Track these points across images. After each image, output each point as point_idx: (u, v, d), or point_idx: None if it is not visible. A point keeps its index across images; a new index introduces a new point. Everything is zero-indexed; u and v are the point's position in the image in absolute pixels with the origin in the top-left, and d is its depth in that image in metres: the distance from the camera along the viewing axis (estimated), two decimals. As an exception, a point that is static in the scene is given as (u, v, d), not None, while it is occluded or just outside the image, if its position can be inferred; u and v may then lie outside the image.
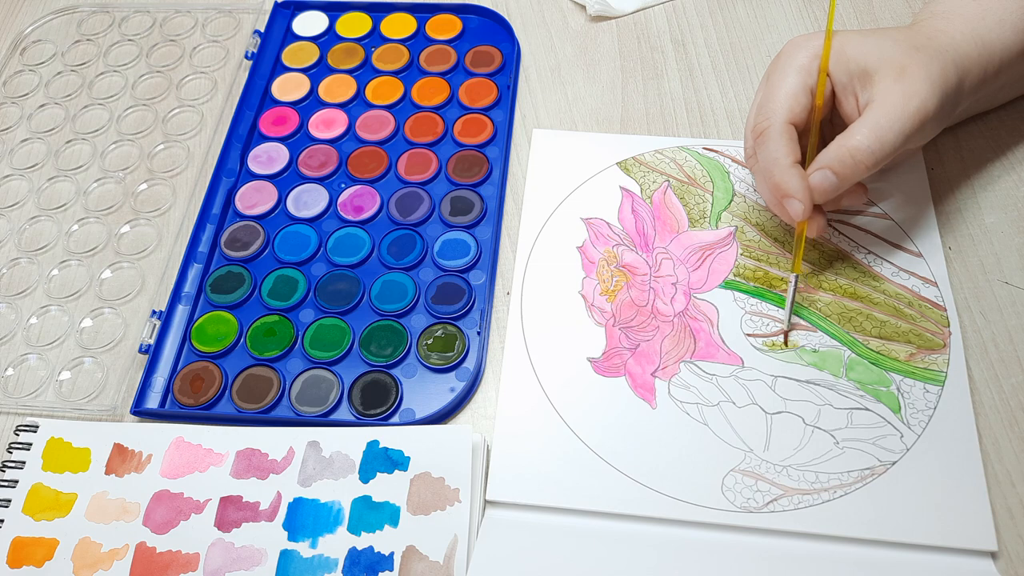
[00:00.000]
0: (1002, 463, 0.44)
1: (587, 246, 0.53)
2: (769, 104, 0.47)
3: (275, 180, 0.58)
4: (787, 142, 0.46)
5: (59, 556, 0.44)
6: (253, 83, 0.63)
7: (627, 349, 0.49)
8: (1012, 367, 0.47)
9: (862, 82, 0.46)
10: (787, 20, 0.64)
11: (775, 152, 0.46)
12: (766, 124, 0.47)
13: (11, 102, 0.65)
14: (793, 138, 0.46)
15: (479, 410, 0.48)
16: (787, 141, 0.46)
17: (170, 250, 0.55)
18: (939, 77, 0.45)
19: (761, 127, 0.47)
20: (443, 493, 0.44)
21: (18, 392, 0.51)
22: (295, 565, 0.42)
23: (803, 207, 0.45)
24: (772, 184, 0.46)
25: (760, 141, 0.47)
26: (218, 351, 0.51)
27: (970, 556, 0.41)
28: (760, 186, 0.48)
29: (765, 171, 0.47)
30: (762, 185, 0.48)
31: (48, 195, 0.59)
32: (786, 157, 0.46)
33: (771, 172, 0.46)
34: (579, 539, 0.43)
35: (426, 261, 0.54)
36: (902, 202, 0.53)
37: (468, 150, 0.59)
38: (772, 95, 0.47)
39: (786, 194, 0.46)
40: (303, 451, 0.46)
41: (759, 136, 0.47)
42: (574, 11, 0.67)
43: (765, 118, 0.47)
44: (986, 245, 0.52)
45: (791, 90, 0.46)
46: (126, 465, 0.46)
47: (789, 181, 0.45)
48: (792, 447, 0.45)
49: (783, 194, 0.46)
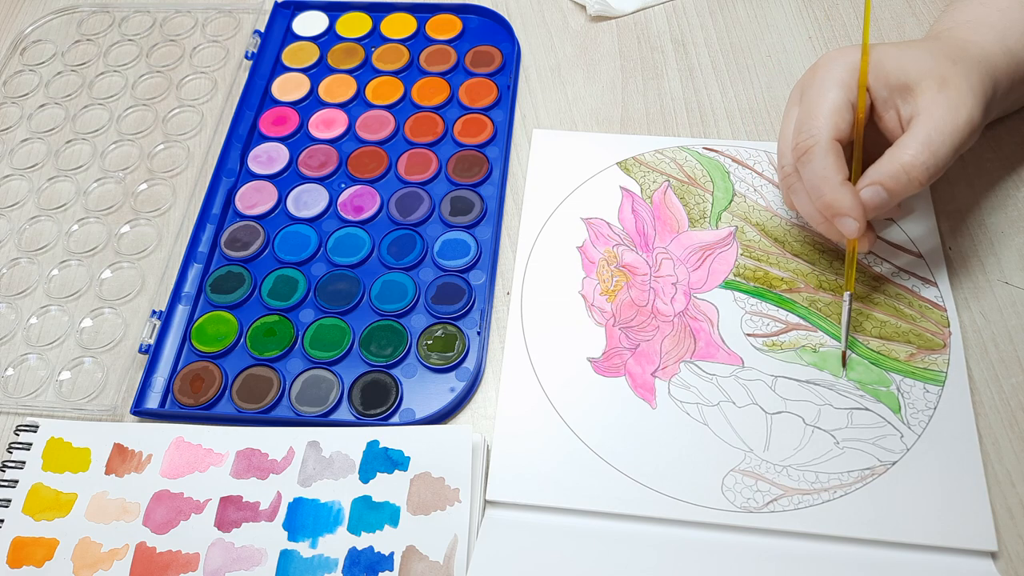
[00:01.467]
0: (1002, 463, 0.44)
1: (587, 246, 0.53)
2: (812, 121, 0.45)
3: (275, 180, 0.58)
4: (835, 159, 0.45)
5: (59, 556, 0.44)
6: (253, 83, 0.63)
7: (627, 349, 0.49)
8: (1012, 367, 0.47)
9: (903, 96, 0.45)
10: (787, 20, 0.64)
11: (824, 171, 0.44)
12: (812, 142, 0.45)
13: (11, 102, 0.65)
14: (840, 155, 0.45)
15: (479, 410, 0.48)
16: (835, 158, 0.45)
17: (170, 250, 0.55)
18: (979, 87, 0.45)
19: (805, 145, 0.45)
20: (443, 493, 0.44)
21: (18, 392, 0.51)
22: (295, 565, 0.42)
23: (857, 225, 0.44)
24: (823, 203, 0.45)
25: (805, 159, 0.45)
26: (218, 351, 0.50)
27: (970, 556, 0.41)
28: (802, 205, 0.47)
29: (814, 189, 0.45)
30: (806, 204, 0.47)
31: (48, 195, 0.59)
32: (836, 175, 0.44)
33: (821, 191, 0.45)
34: (579, 539, 0.43)
35: (426, 261, 0.54)
36: (902, 202, 0.53)
37: (468, 150, 0.59)
38: (814, 112, 0.46)
39: (839, 213, 0.44)
40: (303, 451, 0.46)
41: (804, 154, 0.45)
42: (574, 11, 0.67)
43: (809, 135, 0.45)
44: (986, 245, 0.52)
45: (834, 106, 0.45)
46: (126, 465, 0.46)
47: (842, 200, 0.44)
48: (792, 447, 0.45)
49: (835, 213, 0.45)
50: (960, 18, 0.50)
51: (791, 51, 0.62)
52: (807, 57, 0.62)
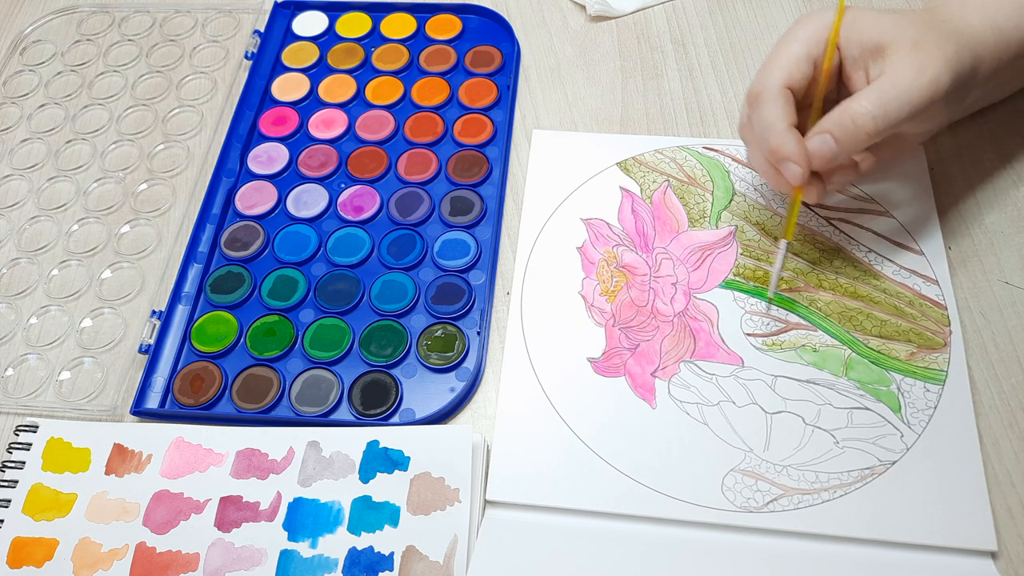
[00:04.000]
0: (1002, 463, 0.44)
1: (587, 246, 0.53)
2: (767, 68, 0.46)
3: (275, 180, 0.58)
4: (783, 104, 0.44)
5: (59, 556, 0.44)
6: (253, 83, 0.63)
7: (627, 349, 0.49)
8: (1012, 367, 0.47)
9: (874, 56, 0.45)
10: (787, 20, 0.64)
11: (771, 116, 0.44)
12: (761, 88, 0.45)
13: (11, 102, 0.65)
14: (790, 101, 0.45)
15: (479, 410, 0.48)
16: (783, 104, 0.44)
17: (170, 250, 0.55)
18: (954, 57, 0.44)
19: (756, 90, 0.45)
20: (443, 493, 0.44)
21: (18, 392, 0.51)
22: (295, 565, 0.42)
23: (800, 171, 0.44)
24: (768, 148, 0.45)
25: (755, 105, 0.45)
26: (218, 351, 0.50)
27: (970, 556, 0.41)
28: (753, 154, 0.47)
29: (760, 136, 0.45)
30: (756, 152, 0.47)
31: (48, 195, 0.59)
32: (781, 120, 0.44)
33: (766, 136, 0.44)
34: (579, 539, 0.43)
35: (426, 261, 0.54)
36: (904, 200, 0.53)
37: (468, 150, 0.58)
38: (771, 61, 0.46)
39: (782, 157, 0.44)
40: (303, 451, 0.46)
41: (754, 100, 0.45)
42: (574, 11, 0.67)
43: (760, 83, 0.45)
44: (986, 245, 0.52)
45: (792, 56, 0.45)
46: (126, 465, 0.46)
47: (785, 144, 0.44)
48: (792, 447, 0.45)
49: (779, 158, 0.44)
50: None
51: (791, 51, 0.62)
52: (807, 57, 0.62)
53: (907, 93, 0.43)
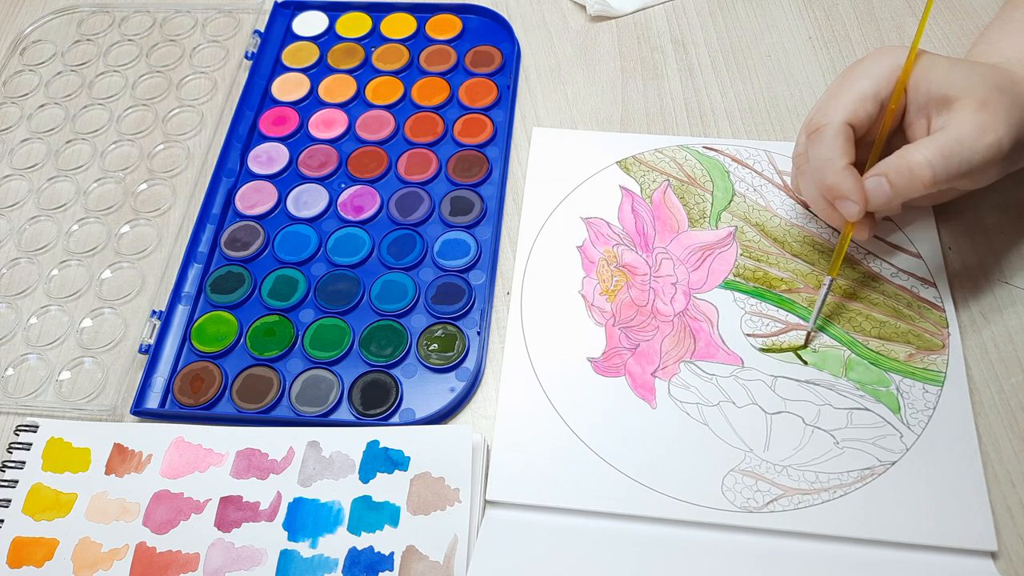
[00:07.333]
0: (1002, 463, 0.44)
1: (587, 246, 0.53)
2: (831, 102, 0.45)
3: (275, 180, 0.58)
4: (844, 142, 0.44)
5: (59, 556, 0.44)
6: (253, 83, 0.63)
7: (627, 349, 0.49)
8: (1012, 367, 0.47)
9: (939, 107, 0.44)
10: (787, 20, 0.64)
11: (831, 151, 0.44)
12: (824, 121, 0.44)
13: (11, 102, 0.65)
14: (850, 140, 0.44)
15: (479, 410, 0.48)
16: (844, 141, 0.44)
17: (170, 250, 0.55)
18: (1019, 122, 0.43)
19: (817, 123, 0.45)
20: (443, 493, 0.44)
21: (18, 392, 0.51)
22: (295, 565, 0.42)
23: (858, 208, 0.44)
24: (824, 184, 0.44)
25: (814, 139, 0.45)
26: (218, 351, 0.51)
27: (970, 556, 0.41)
28: (806, 186, 0.47)
29: (819, 170, 0.45)
30: (809, 185, 0.46)
31: (48, 195, 0.59)
32: (841, 158, 0.44)
33: (825, 172, 0.44)
34: (579, 539, 0.43)
35: (426, 261, 0.54)
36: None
37: (468, 150, 0.59)
38: (836, 95, 0.45)
39: (840, 195, 0.44)
40: (303, 451, 0.46)
41: (813, 133, 0.45)
42: (574, 11, 0.67)
43: (823, 115, 0.45)
44: (986, 245, 0.52)
45: (859, 93, 0.44)
46: (126, 465, 0.46)
47: (843, 182, 0.43)
48: (792, 447, 0.45)
49: (836, 195, 0.44)
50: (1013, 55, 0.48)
51: (791, 51, 0.62)
52: (807, 57, 0.62)
53: (969, 151, 0.42)
